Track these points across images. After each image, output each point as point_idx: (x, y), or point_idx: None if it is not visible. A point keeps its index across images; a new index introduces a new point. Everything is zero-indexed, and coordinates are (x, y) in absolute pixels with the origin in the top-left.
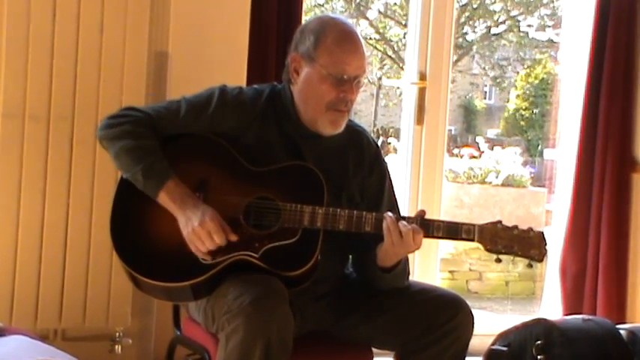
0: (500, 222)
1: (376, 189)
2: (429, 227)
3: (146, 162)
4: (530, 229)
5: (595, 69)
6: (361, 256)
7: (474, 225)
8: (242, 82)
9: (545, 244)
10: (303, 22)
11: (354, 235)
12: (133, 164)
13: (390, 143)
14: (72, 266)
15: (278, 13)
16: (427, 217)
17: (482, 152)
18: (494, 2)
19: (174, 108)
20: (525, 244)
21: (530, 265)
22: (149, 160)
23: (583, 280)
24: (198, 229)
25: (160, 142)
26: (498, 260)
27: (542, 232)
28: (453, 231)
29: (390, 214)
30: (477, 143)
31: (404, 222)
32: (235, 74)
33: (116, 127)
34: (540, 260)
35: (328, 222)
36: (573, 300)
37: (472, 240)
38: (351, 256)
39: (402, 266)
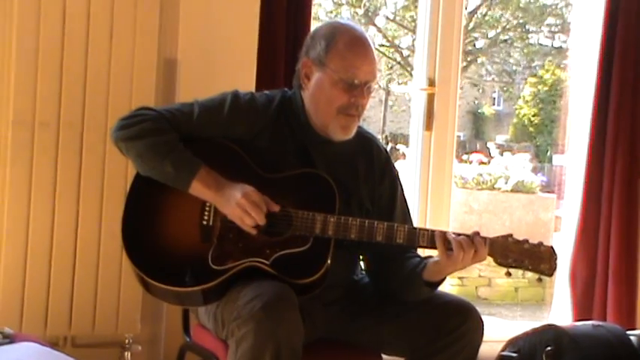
0: (511, 235)
1: (388, 198)
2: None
3: (174, 154)
4: (541, 244)
5: (604, 75)
6: (382, 265)
7: (485, 238)
8: (251, 88)
9: (556, 258)
10: (311, 28)
11: (366, 242)
12: (159, 159)
13: (398, 149)
14: (82, 273)
15: (287, 20)
16: (436, 224)
17: (493, 157)
18: (503, 9)
19: (187, 110)
20: (536, 259)
21: (539, 280)
22: (176, 152)
23: (593, 286)
24: (242, 201)
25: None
26: (508, 274)
27: (553, 247)
28: None
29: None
30: (488, 149)
31: (476, 238)
32: (244, 81)
33: (134, 126)
34: (550, 275)
35: (340, 231)
36: (583, 306)
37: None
38: (367, 263)
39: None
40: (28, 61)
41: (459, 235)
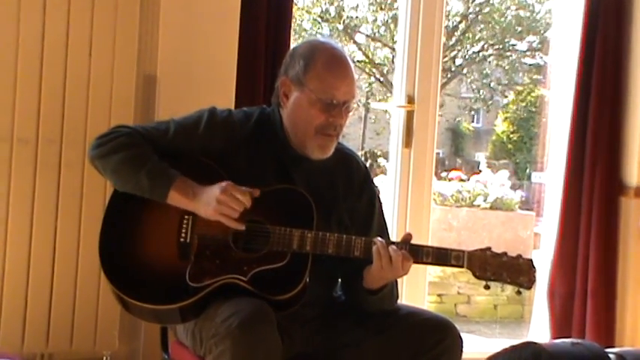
0: (489, 249)
1: (366, 213)
2: (419, 253)
3: (149, 166)
4: (520, 256)
5: (582, 93)
6: (350, 279)
7: (463, 251)
8: (230, 105)
9: (535, 271)
10: (290, 45)
11: (342, 258)
12: (134, 172)
13: (380, 164)
14: (59, 290)
15: (266, 37)
16: (416, 241)
17: (481, 171)
18: (483, 27)
19: (164, 128)
20: (514, 272)
21: (518, 292)
22: (151, 163)
23: (572, 304)
24: (222, 197)
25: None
26: (487, 287)
27: (532, 260)
28: (442, 257)
29: (379, 238)
30: (478, 162)
31: (394, 247)
32: (224, 98)
33: (109, 143)
34: (529, 288)
35: (317, 246)
36: (562, 323)
37: (461, 267)
38: (340, 280)
39: (389, 289)
40: (6, 77)
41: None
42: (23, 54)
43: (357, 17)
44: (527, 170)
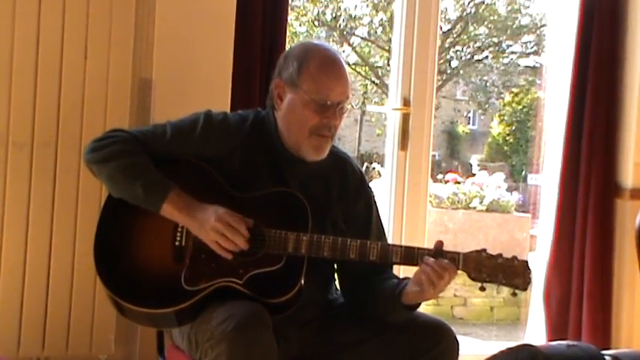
0: (484, 250)
1: (363, 217)
2: (414, 256)
3: (144, 177)
4: (515, 258)
5: (578, 94)
6: (360, 285)
7: (458, 253)
8: (226, 108)
9: (530, 272)
10: (286, 48)
11: (340, 261)
12: (130, 181)
13: (374, 168)
14: (55, 293)
15: (262, 40)
16: (412, 243)
17: (474, 175)
18: (478, 28)
19: (160, 132)
20: (509, 273)
21: (514, 294)
22: (147, 174)
23: (567, 306)
24: (217, 225)
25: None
26: (482, 289)
27: (527, 261)
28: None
29: (431, 259)
30: (470, 165)
31: (442, 263)
32: (219, 101)
33: (105, 148)
34: (525, 289)
35: (312, 249)
36: (558, 325)
37: (457, 268)
38: (342, 283)
39: None
40: (1, 81)
41: (433, 255)
42: (18, 57)
43: (353, 17)
44: (523, 172)
